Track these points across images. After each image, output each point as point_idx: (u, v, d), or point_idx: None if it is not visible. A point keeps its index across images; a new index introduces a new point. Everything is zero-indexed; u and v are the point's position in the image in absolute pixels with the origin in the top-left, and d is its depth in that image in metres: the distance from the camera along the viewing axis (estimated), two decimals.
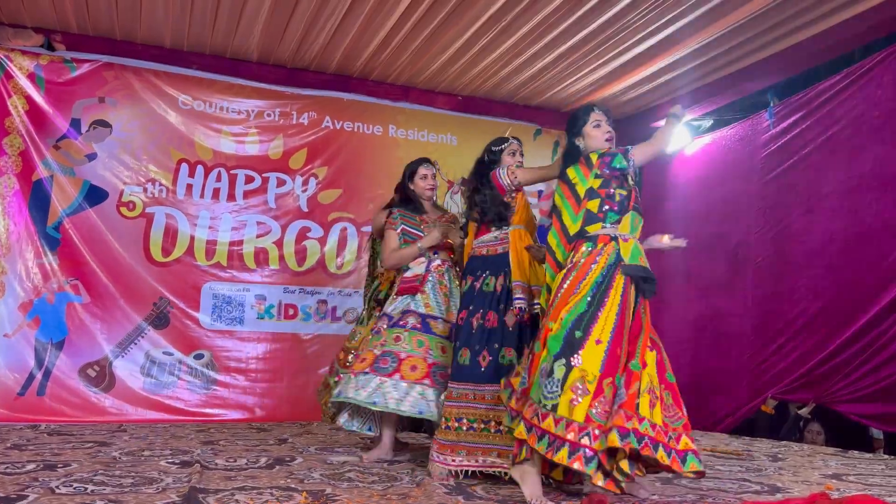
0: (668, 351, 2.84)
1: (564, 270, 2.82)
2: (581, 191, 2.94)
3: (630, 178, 2.94)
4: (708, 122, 6.51)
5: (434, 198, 4.00)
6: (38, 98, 5.29)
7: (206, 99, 5.79)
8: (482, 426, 3.11)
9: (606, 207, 2.86)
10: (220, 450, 3.76)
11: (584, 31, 5.13)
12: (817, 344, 5.14)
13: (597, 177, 2.92)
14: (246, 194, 5.84)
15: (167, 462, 3.27)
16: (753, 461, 3.85)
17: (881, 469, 3.65)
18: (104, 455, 3.45)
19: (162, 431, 4.60)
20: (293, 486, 2.75)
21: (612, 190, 2.88)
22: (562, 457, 2.36)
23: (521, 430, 2.54)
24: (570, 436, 2.37)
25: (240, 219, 5.81)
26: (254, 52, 5.68)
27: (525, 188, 3.50)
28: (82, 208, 5.34)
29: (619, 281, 2.71)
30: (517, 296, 3.18)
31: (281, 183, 5.94)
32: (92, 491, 2.54)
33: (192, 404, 5.42)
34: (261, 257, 5.82)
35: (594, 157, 2.95)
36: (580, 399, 2.43)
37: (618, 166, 2.91)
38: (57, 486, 2.59)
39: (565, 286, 2.74)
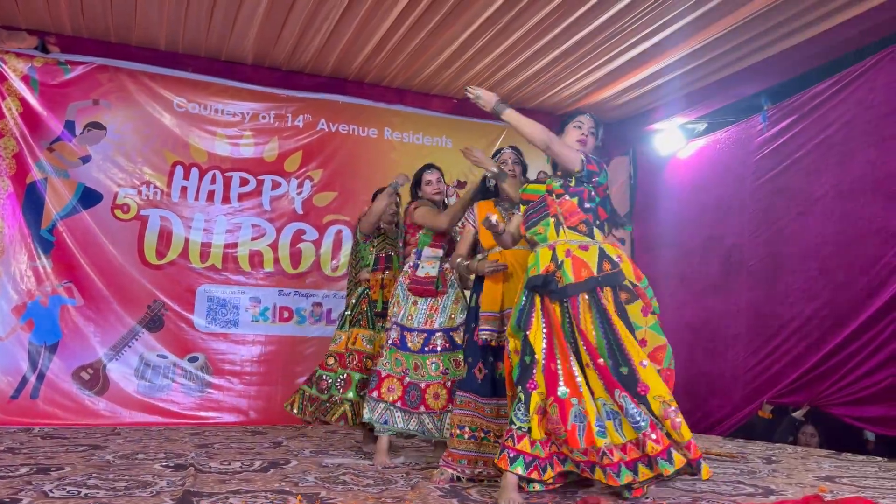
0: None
1: None
2: None
3: (549, 192, 2.98)
4: (702, 126, 6.54)
5: (443, 202, 4.03)
6: (32, 100, 5.28)
7: (200, 101, 5.78)
8: (482, 435, 3.16)
9: (529, 222, 3.02)
10: (214, 453, 3.75)
11: (579, 35, 5.14)
12: (811, 346, 5.16)
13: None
14: (241, 197, 5.83)
15: (161, 465, 3.26)
16: (748, 463, 3.86)
17: (874, 471, 3.67)
18: (98, 458, 3.43)
19: (156, 434, 4.58)
20: (288, 489, 2.74)
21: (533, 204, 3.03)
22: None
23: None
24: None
25: (234, 221, 5.80)
26: (249, 54, 5.68)
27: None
28: (76, 211, 5.33)
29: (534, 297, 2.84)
30: (482, 326, 3.25)
31: (276, 185, 5.94)
32: (85, 495, 2.53)
33: (186, 407, 5.41)
34: (255, 260, 5.82)
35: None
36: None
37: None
38: (50, 490, 2.58)
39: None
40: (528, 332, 2.75)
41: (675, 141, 6.60)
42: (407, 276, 3.73)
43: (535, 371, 2.65)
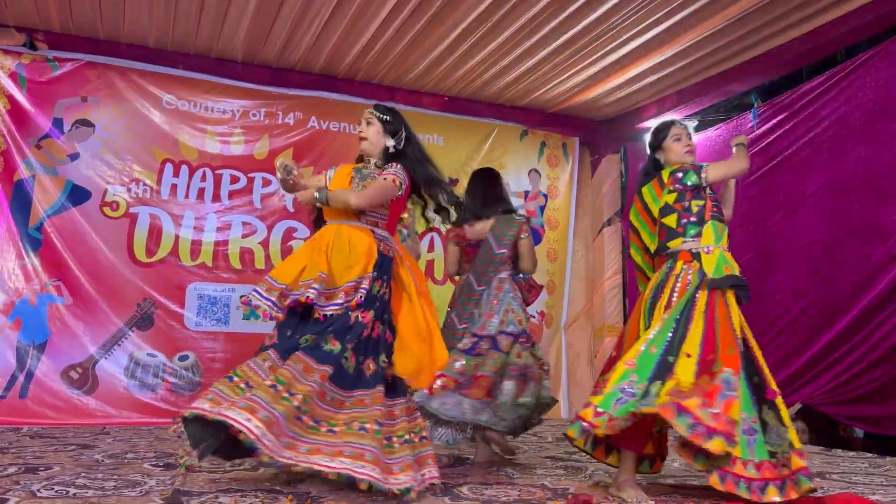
0: None
1: (651, 287, 2.97)
2: (654, 210, 3.07)
3: (706, 190, 3.01)
4: (693, 123, 6.55)
5: None
6: (20, 97, 5.23)
7: (190, 99, 5.75)
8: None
9: (685, 221, 2.95)
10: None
11: (570, 33, 5.14)
12: (800, 344, 5.18)
13: (670, 192, 3.01)
14: (231, 194, 5.80)
15: (151, 465, 3.24)
16: None
17: (864, 467, 3.69)
18: (87, 458, 3.41)
19: (146, 434, 4.56)
20: (278, 488, 2.73)
21: (687, 203, 2.96)
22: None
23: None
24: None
25: (225, 219, 5.77)
26: (239, 52, 5.65)
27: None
28: (65, 208, 5.29)
29: (703, 297, 2.82)
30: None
31: (266, 183, 5.91)
32: (74, 494, 2.51)
33: (177, 406, 5.36)
34: (246, 257, 5.79)
35: (665, 175, 3.04)
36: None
37: (689, 182, 2.97)
38: (38, 490, 2.56)
39: (657, 304, 2.88)
40: (687, 331, 2.77)
41: None
42: None
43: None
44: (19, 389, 4.99)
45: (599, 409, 2.55)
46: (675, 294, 2.82)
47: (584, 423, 2.55)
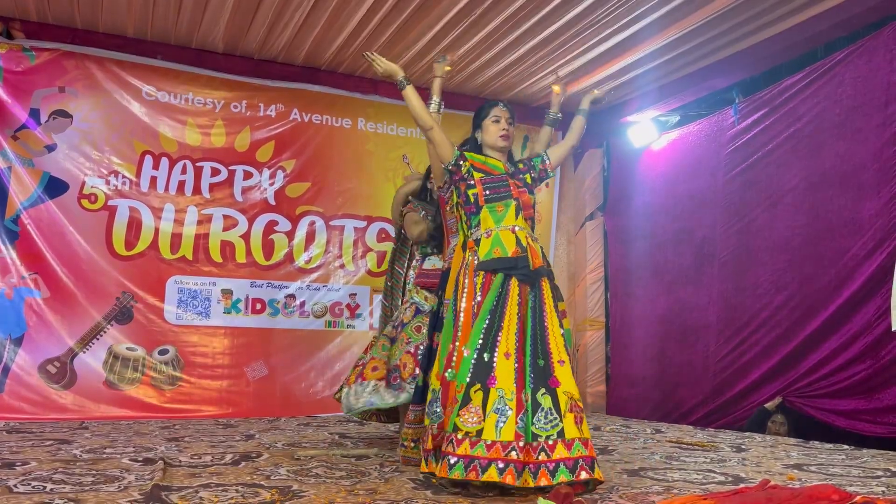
0: (635, 344, 2.89)
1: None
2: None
3: (473, 174, 3.01)
4: (675, 118, 6.59)
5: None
6: None
7: (170, 90, 5.68)
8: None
9: (464, 211, 3.04)
10: (184, 446, 3.70)
11: (553, 28, 5.14)
12: (780, 337, 5.24)
13: (447, 175, 3.17)
14: (212, 187, 5.75)
15: (129, 460, 3.21)
16: (718, 452, 3.91)
17: (842, 459, 3.74)
18: (64, 453, 3.37)
19: (125, 428, 4.51)
20: (259, 482, 2.72)
21: (463, 193, 3.02)
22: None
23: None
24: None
25: (205, 212, 5.71)
26: (220, 42, 5.58)
27: None
28: (41, 200, 5.21)
29: (478, 281, 2.85)
30: None
31: (248, 176, 5.86)
32: (51, 490, 2.48)
33: (156, 400, 5.33)
34: (227, 251, 5.74)
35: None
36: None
37: (448, 166, 3.09)
38: (15, 485, 2.52)
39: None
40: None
41: (648, 133, 6.65)
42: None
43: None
44: None
45: None
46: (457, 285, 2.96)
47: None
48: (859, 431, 4.66)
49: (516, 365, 2.69)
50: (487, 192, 2.97)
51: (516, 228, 2.93)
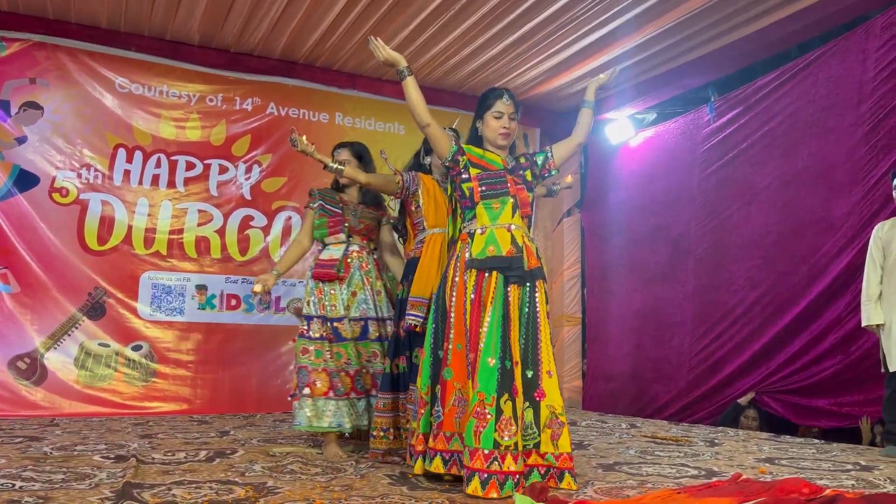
0: (611, 340, 2.87)
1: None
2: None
3: (470, 169, 2.87)
4: (651, 116, 6.64)
5: (351, 185, 3.76)
6: None
7: (144, 82, 5.60)
8: (397, 433, 3.28)
9: (460, 205, 2.93)
10: (157, 443, 3.66)
11: (531, 24, 5.15)
12: (754, 333, 5.31)
13: (444, 170, 3.06)
14: (187, 181, 5.68)
15: (101, 457, 3.16)
16: (691, 447, 3.95)
17: (812, 453, 3.79)
18: (34, 450, 3.32)
19: (97, 425, 4.45)
20: (234, 479, 2.69)
21: (459, 187, 2.91)
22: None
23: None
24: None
25: (180, 206, 5.65)
26: (195, 34, 5.51)
27: None
28: (11, 194, 5.11)
29: (469, 277, 2.75)
30: (410, 312, 3.19)
31: (223, 170, 5.80)
32: (20, 487, 2.44)
33: (129, 397, 5.26)
34: (202, 246, 5.68)
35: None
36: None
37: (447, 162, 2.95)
38: None
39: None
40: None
41: (625, 130, 6.69)
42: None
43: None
44: None
45: None
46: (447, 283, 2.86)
47: None
48: (830, 426, 4.74)
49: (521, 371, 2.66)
50: (483, 189, 2.83)
51: (512, 227, 2.80)
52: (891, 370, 3.77)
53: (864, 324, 3.95)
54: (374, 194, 3.72)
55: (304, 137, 3.34)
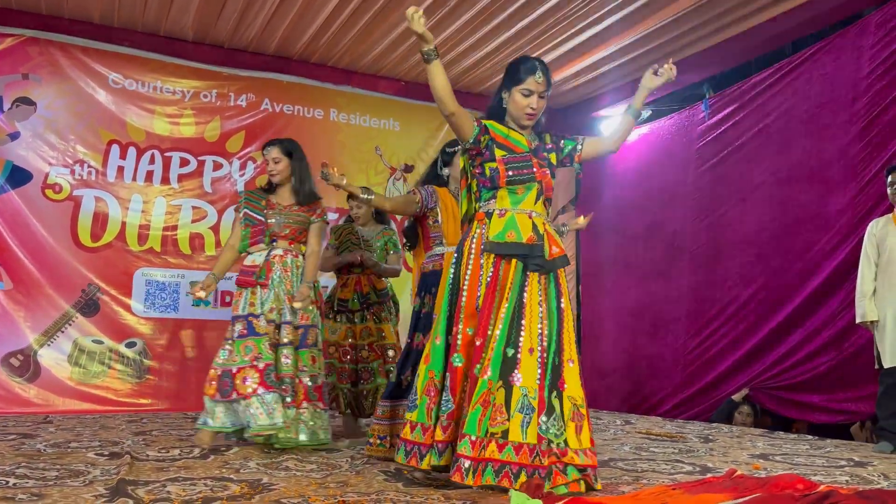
0: (606, 337, 2.78)
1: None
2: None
3: (494, 149, 2.66)
4: (646, 113, 6.63)
5: (283, 182, 3.70)
6: None
7: (138, 78, 5.57)
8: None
9: (478, 182, 2.70)
10: (152, 440, 3.65)
11: (527, 20, 5.15)
12: (748, 329, 5.32)
13: (464, 152, 2.76)
14: (181, 178, 5.66)
15: (95, 454, 3.15)
16: (686, 443, 3.96)
17: (806, 449, 3.81)
18: (28, 447, 3.30)
19: (91, 422, 4.43)
20: (229, 475, 2.68)
21: (479, 165, 2.69)
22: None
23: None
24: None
25: (174, 203, 5.63)
26: (189, 30, 5.49)
27: None
28: (4, 190, 5.09)
29: (486, 261, 2.58)
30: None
31: (217, 167, 5.78)
32: (14, 484, 2.42)
33: (123, 394, 5.25)
34: (196, 243, 5.66)
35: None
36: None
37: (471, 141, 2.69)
38: None
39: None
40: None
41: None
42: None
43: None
44: None
45: None
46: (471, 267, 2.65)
47: None
48: (823, 421, 4.76)
49: (539, 360, 2.48)
50: (511, 173, 2.62)
51: (533, 214, 2.64)
52: (885, 366, 3.79)
53: (858, 320, 3.96)
54: (309, 193, 3.68)
55: (336, 170, 3.25)
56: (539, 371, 2.47)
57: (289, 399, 3.42)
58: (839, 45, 4.90)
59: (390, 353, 4.20)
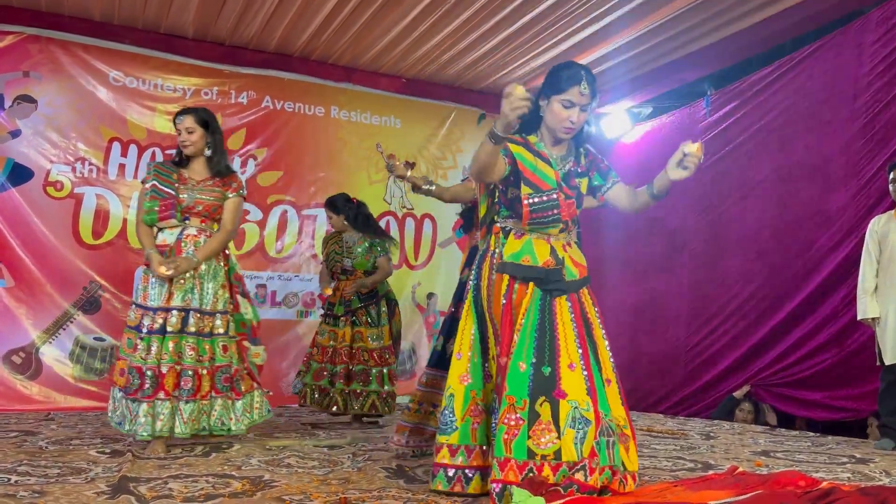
0: (607, 334, 2.70)
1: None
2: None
3: (521, 184, 2.46)
4: (648, 110, 6.64)
5: (196, 154, 3.38)
6: None
7: (138, 75, 5.56)
8: (431, 409, 3.12)
9: (537, 218, 2.46)
10: None
11: (527, 17, 5.13)
12: (749, 327, 5.32)
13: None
14: None
15: (97, 451, 3.16)
16: (687, 440, 3.96)
17: (808, 446, 3.81)
18: (30, 445, 3.31)
19: (93, 419, 4.43)
20: (230, 472, 2.69)
21: (504, 186, 2.49)
22: None
23: None
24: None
25: None
26: (190, 27, 5.48)
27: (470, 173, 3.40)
28: (5, 188, 5.08)
29: (502, 281, 2.43)
30: None
31: None
32: (16, 482, 2.43)
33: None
34: None
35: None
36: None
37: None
38: None
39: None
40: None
41: (621, 124, 6.68)
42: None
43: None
44: None
45: None
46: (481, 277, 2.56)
47: None
48: (824, 418, 4.77)
49: (585, 373, 2.32)
50: (534, 216, 2.43)
51: (551, 238, 2.48)
52: (886, 363, 3.79)
53: (860, 317, 3.96)
54: (227, 166, 3.44)
55: (399, 162, 3.19)
56: (587, 385, 2.31)
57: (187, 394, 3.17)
58: (840, 42, 4.89)
59: (364, 356, 4.43)
